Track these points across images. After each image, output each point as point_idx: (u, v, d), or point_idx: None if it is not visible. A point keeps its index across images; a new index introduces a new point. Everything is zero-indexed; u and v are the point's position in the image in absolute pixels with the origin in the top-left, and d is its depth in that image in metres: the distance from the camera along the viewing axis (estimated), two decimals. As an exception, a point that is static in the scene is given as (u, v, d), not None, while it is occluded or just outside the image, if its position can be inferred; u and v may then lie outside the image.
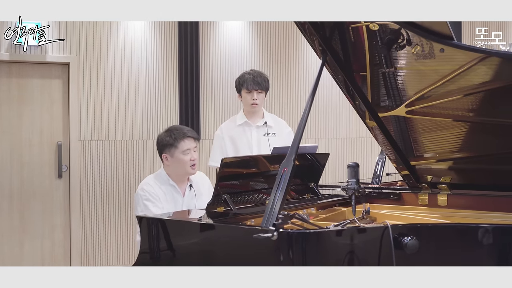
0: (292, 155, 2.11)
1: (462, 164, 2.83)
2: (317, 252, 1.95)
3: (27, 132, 5.49)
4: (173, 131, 3.14)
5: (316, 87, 2.32)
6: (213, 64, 5.98)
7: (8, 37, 3.49)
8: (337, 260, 2.01)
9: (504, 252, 2.17)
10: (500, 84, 2.39)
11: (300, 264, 1.91)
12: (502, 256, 2.17)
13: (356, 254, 2.03)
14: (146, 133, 5.76)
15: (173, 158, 3.10)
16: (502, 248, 2.16)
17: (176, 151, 3.08)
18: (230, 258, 2.11)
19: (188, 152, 3.08)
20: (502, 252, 2.17)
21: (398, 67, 2.58)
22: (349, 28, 2.52)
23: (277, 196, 1.98)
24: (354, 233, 2.05)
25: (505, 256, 2.17)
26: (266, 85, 3.71)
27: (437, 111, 2.64)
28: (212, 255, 2.19)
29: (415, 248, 1.98)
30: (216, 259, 2.17)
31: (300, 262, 1.92)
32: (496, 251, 2.17)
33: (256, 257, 2.03)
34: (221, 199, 2.43)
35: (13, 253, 5.46)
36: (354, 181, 2.43)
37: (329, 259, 2.00)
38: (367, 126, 2.84)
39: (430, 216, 2.68)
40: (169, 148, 3.10)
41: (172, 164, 3.12)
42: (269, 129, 3.72)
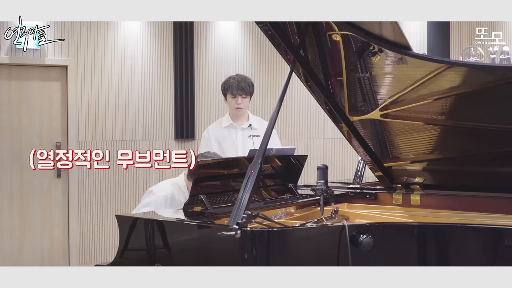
0: (259, 159, 2.20)
1: (434, 165, 2.93)
2: (279, 249, 2.05)
3: (27, 133, 5.61)
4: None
5: (284, 93, 2.41)
6: (208, 65, 6.08)
7: (8, 37, 3.58)
8: (299, 257, 2.12)
9: (458, 250, 2.27)
10: (468, 89, 2.48)
11: (263, 260, 2.02)
12: (451, 254, 2.28)
13: (316, 251, 2.14)
14: (142, 134, 5.87)
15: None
16: (453, 246, 2.26)
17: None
18: (197, 256, 2.23)
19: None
20: (451, 250, 2.28)
21: (373, 73, 2.66)
22: (326, 35, 2.61)
23: (244, 197, 2.09)
24: (314, 231, 2.15)
25: (455, 254, 2.27)
26: (250, 89, 3.81)
27: (410, 115, 2.73)
28: (182, 253, 2.30)
29: (370, 246, 2.09)
30: (185, 257, 2.28)
31: (263, 259, 2.02)
32: (448, 249, 2.27)
33: (222, 255, 2.14)
34: (198, 199, 2.53)
35: (13, 251, 5.59)
36: (323, 182, 2.53)
37: (291, 256, 2.10)
38: (341, 131, 2.94)
39: (401, 216, 2.77)
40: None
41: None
42: (254, 131, 3.82)
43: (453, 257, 2.25)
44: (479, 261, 2.22)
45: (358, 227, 2.19)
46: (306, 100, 6.27)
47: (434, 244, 2.23)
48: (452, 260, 2.24)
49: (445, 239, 2.24)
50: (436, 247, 2.23)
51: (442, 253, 2.24)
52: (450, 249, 2.25)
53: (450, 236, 2.23)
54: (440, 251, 2.24)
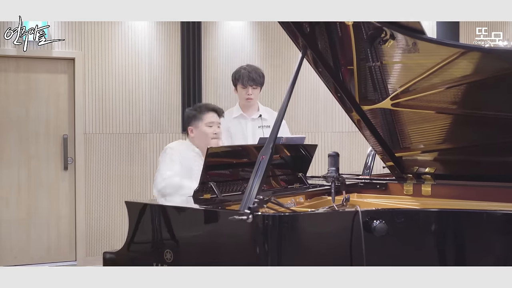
0: (271, 143, 2.20)
1: (446, 155, 2.90)
2: (290, 234, 2.04)
3: (34, 125, 5.62)
4: (199, 105, 3.32)
5: (295, 80, 2.40)
6: (216, 57, 6.07)
7: (8, 37, 3.58)
8: (310, 243, 2.10)
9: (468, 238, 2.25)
10: (481, 77, 2.45)
11: (274, 246, 2.00)
12: (469, 241, 2.25)
13: (328, 237, 2.12)
14: (149, 127, 5.87)
15: (197, 130, 3.20)
16: (468, 233, 2.24)
17: (200, 123, 3.20)
18: (208, 242, 2.21)
19: (211, 125, 3.20)
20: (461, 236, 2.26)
21: (384, 61, 2.64)
22: (336, 24, 2.59)
23: (255, 182, 2.08)
24: (326, 217, 2.13)
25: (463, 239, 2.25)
26: (261, 80, 3.79)
27: (422, 104, 2.70)
28: (192, 239, 2.28)
29: (384, 231, 2.07)
30: (195, 243, 2.27)
31: (275, 244, 2.01)
32: (461, 236, 2.24)
33: (233, 240, 2.12)
34: (207, 186, 2.52)
35: (21, 243, 5.60)
36: (334, 169, 2.51)
37: (303, 241, 2.09)
38: (353, 120, 2.91)
39: (412, 205, 2.75)
40: (194, 120, 3.21)
41: (196, 136, 3.22)
42: (264, 121, 3.81)
43: (470, 245, 2.22)
44: (498, 249, 2.20)
45: (372, 212, 2.16)
46: (314, 94, 6.26)
47: (452, 231, 2.20)
48: (469, 248, 2.22)
49: (463, 226, 2.21)
50: (454, 234, 2.20)
51: (460, 240, 2.21)
52: (468, 236, 2.22)
53: (469, 223, 2.20)
54: (458, 238, 2.21)
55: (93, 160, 5.72)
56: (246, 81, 3.73)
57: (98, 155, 5.73)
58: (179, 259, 2.27)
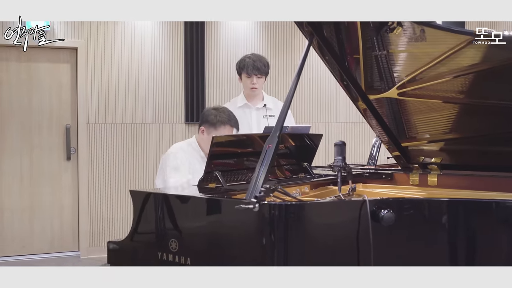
0: (277, 132, 2.18)
1: (453, 145, 2.88)
2: (297, 223, 2.02)
3: (37, 116, 5.61)
4: (220, 113, 3.19)
5: (302, 67, 2.38)
6: (219, 47, 6.04)
7: (8, 37, 3.57)
8: (317, 232, 2.08)
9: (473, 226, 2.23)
10: (488, 66, 2.43)
11: (281, 235, 1.98)
12: (471, 230, 2.23)
13: (335, 227, 2.10)
14: (152, 117, 5.85)
15: (209, 136, 3.16)
16: (473, 222, 2.22)
17: (214, 131, 3.14)
18: (213, 232, 2.20)
19: None
20: (471, 226, 2.24)
21: (391, 50, 2.62)
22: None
23: (261, 171, 2.06)
24: (333, 206, 2.12)
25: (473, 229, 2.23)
26: (266, 69, 3.77)
27: (428, 93, 2.68)
28: (197, 229, 2.26)
29: (391, 221, 2.05)
30: (201, 233, 2.25)
31: (281, 233, 1.99)
32: (470, 226, 2.23)
33: (239, 229, 2.11)
34: (212, 176, 2.50)
35: (24, 233, 5.61)
36: (341, 158, 2.49)
37: (309, 230, 2.07)
38: (359, 109, 2.89)
39: (419, 195, 2.73)
40: (209, 124, 3.16)
41: (205, 140, 3.17)
42: (268, 111, 3.79)
43: (481, 236, 2.20)
44: (505, 240, 2.18)
45: (379, 201, 2.14)
46: (318, 84, 6.23)
47: (460, 220, 2.17)
48: (480, 240, 2.20)
49: (474, 215, 2.19)
50: (462, 223, 2.18)
51: (470, 230, 2.19)
52: (479, 227, 2.20)
53: (480, 213, 2.18)
54: (468, 228, 2.19)
55: (95, 150, 5.71)
56: (251, 70, 3.71)
57: (101, 145, 5.72)
58: (184, 249, 2.25)
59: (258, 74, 3.73)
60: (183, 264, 2.22)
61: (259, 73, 3.73)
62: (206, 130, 3.18)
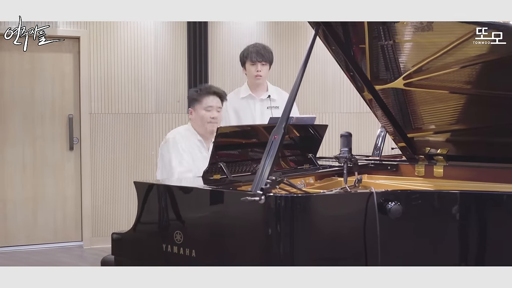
0: (283, 123, 2.15)
1: (459, 136, 2.86)
2: (303, 215, 2.01)
3: (39, 106, 5.59)
4: (202, 86, 3.20)
5: (308, 58, 2.35)
6: (222, 37, 6.00)
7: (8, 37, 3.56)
8: (324, 225, 2.07)
9: (484, 218, 2.21)
10: (496, 56, 2.41)
11: (287, 227, 1.97)
12: (481, 222, 2.21)
13: (341, 219, 2.09)
14: (155, 107, 5.82)
15: (196, 112, 3.14)
16: (483, 214, 2.20)
17: (199, 106, 3.12)
18: (218, 224, 2.19)
19: (210, 109, 3.12)
20: (482, 219, 2.21)
21: (397, 40, 2.60)
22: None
23: (267, 162, 2.04)
24: (340, 198, 2.10)
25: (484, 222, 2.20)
26: (270, 56, 3.74)
27: (435, 84, 2.66)
28: (202, 220, 2.25)
29: (399, 213, 2.03)
30: (206, 224, 2.23)
31: (288, 225, 1.98)
32: (478, 217, 2.20)
33: (244, 221, 2.09)
34: (217, 167, 2.48)
35: (27, 224, 5.61)
36: (347, 150, 2.47)
37: (316, 223, 2.05)
38: (365, 100, 2.87)
39: (425, 186, 2.71)
40: (194, 102, 3.14)
41: (195, 119, 3.16)
42: (272, 102, 3.76)
43: (491, 229, 2.18)
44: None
45: (387, 194, 2.12)
46: (322, 74, 6.19)
47: (472, 213, 2.16)
48: (491, 233, 2.18)
49: (484, 208, 2.17)
50: (474, 216, 2.16)
51: (480, 223, 2.17)
52: (489, 219, 2.17)
53: (491, 205, 2.16)
54: (478, 221, 2.17)
55: (98, 140, 5.69)
56: (255, 57, 3.68)
57: (104, 135, 5.70)
58: (189, 240, 2.24)
59: (262, 60, 3.70)
60: (188, 256, 2.21)
61: (264, 59, 3.70)
62: (194, 109, 3.17)
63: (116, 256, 2.57)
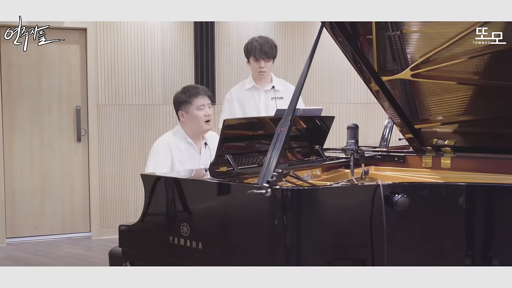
0: (289, 115, 2.15)
1: (467, 127, 2.84)
2: (310, 208, 2.00)
3: (47, 97, 5.61)
4: (188, 89, 3.21)
5: (314, 50, 2.34)
6: (229, 28, 5.98)
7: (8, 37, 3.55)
8: (330, 217, 2.06)
9: (492, 211, 2.19)
10: (505, 46, 2.39)
11: (294, 220, 1.97)
12: (490, 215, 2.20)
13: (348, 212, 2.08)
14: (162, 98, 5.83)
15: (188, 114, 3.15)
16: (491, 206, 2.18)
17: (190, 107, 3.14)
18: (224, 217, 2.19)
19: (202, 108, 3.14)
20: (490, 211, 2.20)
21: (404, 31, 2.58)
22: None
23: (273, 155, 2.04)
24: (346, 191, 2.09)
25: (493, 215, 2.19)
26: (273, 53, 3.74)
27: (442, 74, 2.64)
28: (208, 211, 2.25)
29: (405, 206, 2.02)
30: (212, 217, 2.24)
31: (294, 218, 1.97)
32: (486, 210, 2.19)
33: (251, 214, 2.09)
34: (223, 159, 2.48)
35: (35, 214, 5.64)
36: (353, 142, 2.46)
37: (322, 216, 2.05)
38: (372, 91, 2.85)
39: (432, 178, 2.69)
40: (184, 105, 3.16)
41: (188, 121, 3.17)
42: (277, 93, 3.77)
43: (500, 222, 2.16)
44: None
45: (393, 186, 2.11)
46: (328, 65, 6.17)
47: (480, 206, 2.14)
48: (499, 226, 2.16)
49: (493, 200, 2.16)
50: (482, 208, 2.15)
51: (488, 215, 2.15)
52: (498, 212, 2.15)
53: (500, 197, 2.14)
54: (486, 213, 2.15)
55: (106, 131, 5.70)
56: (259, 54, 3.69)
57: (111, 126, 5.71)
58: (195, 233, 2.24)
59: (265, 58, 3.71)
60: (195, 248, 2.22)
61: (267, 56, 3.71)
62: (184, 111, 3.17)
63: (123, 248, 2.58)
